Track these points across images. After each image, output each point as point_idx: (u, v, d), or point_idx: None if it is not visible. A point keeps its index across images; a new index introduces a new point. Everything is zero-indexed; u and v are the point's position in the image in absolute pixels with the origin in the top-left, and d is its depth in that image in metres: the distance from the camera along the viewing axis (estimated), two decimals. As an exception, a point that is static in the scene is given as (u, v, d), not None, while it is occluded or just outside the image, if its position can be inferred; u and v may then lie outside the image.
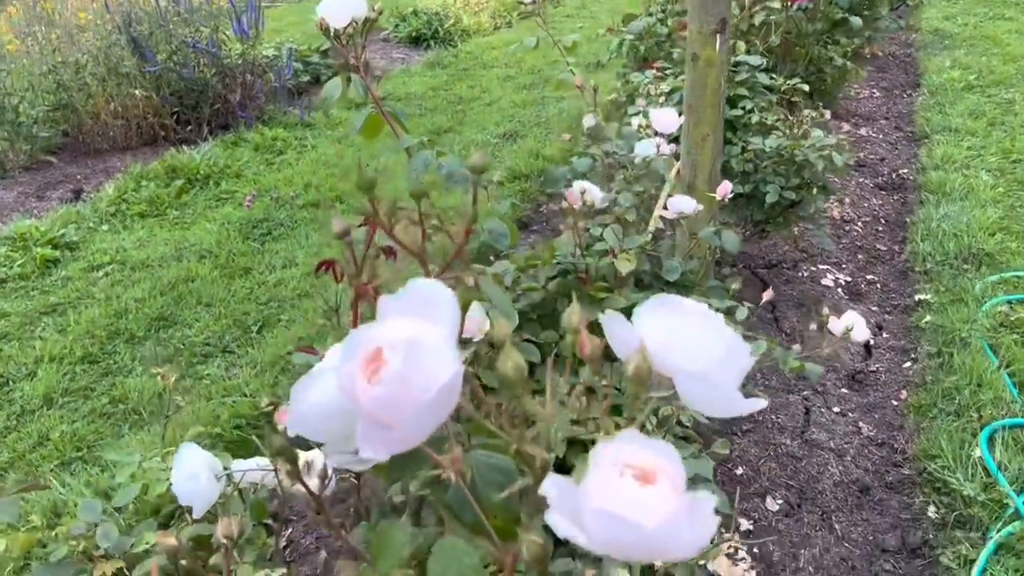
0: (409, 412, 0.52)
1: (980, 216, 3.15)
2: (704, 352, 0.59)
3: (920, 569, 1.96)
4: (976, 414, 2.27)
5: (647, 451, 0.55)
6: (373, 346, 0.54)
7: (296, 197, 3.84)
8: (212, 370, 2.77)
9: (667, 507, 0.52)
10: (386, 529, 0.66)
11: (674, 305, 0.61)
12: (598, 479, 0.53)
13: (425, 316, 0.56)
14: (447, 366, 0.53)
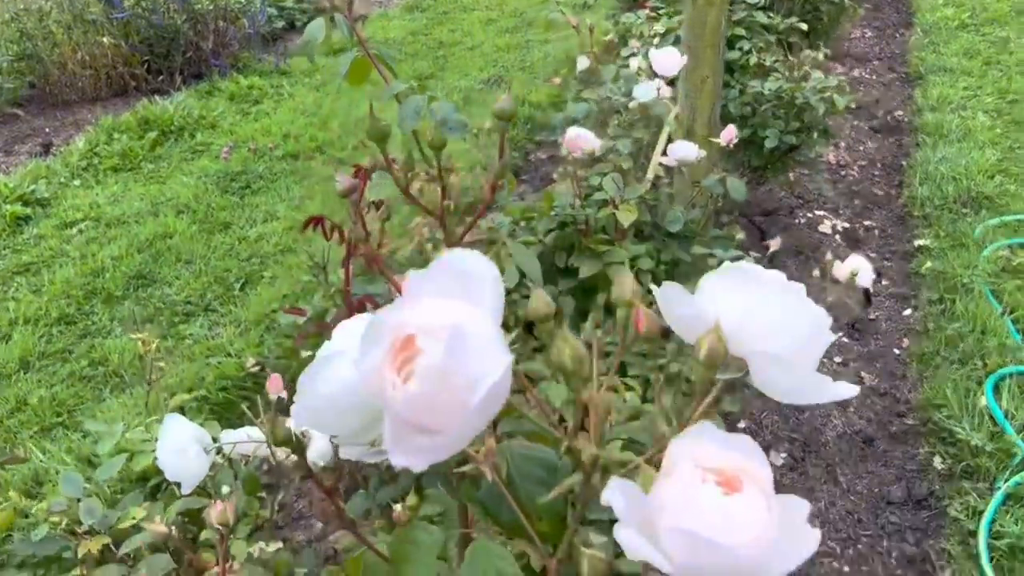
0: (453, 415, 0.44)
1: (978, 158, 3.08)
2: (785, 330, 0.51)
3: (927, 520, 1.93)
4: (981, 362, 2.23)
5: (729, 451, 0.47)
6: (404, 332, 0.45)
7: (274, 148, 3.71)
8: (195, 329, 2.67)
9: (759, 522, 0.44)
10: (409, 532, 0.59)
11: (748, 275, 0.53)
12: (675, 489, 0.45)
13: (463, 296, 0.47)
14: (497, 358, 0.45)
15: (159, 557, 1.32)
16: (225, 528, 0.95)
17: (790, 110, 2.48)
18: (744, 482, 0.44)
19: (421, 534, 0.58)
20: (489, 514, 0.58)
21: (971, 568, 1.76)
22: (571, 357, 0.48)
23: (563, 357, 0.48)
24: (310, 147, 3.69)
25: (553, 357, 0.49)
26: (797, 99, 2.44)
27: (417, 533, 0.58)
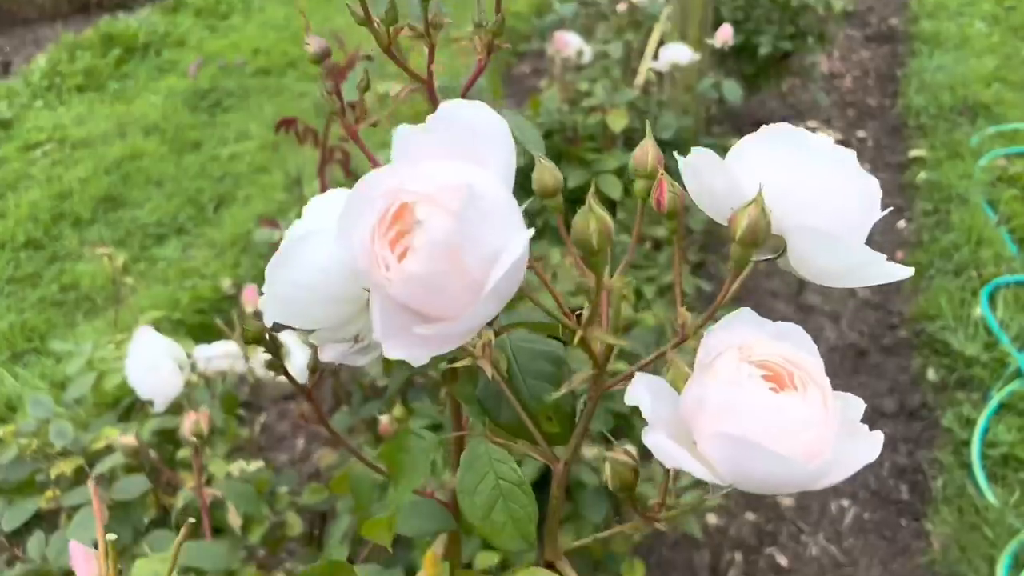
0: (463, 300, 0.36)
1: (975, 66, 2.99)
2: (833, 202, 0.44)
3: (919, 431, 1.91)
4: (976, 272, 2.18)
5: (778, 341, 0.40)
6: (399, 200, 0.37)
7: (245, 64, 3.55)
8: (167, 252, 2.58)
9: (815, 423, 0.37)
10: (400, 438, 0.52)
11: (791, 139, 0.45)
12: (716, 386, 0.38)
13: (467, 156, 0.39)
14: (515, 228, 0.37)
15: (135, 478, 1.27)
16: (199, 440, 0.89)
17: (785, 13, 2.37)
18: (796, 377, 0.38)
19: (412, 440, 0.51)
20: (488, 414, 0.51)
21: (963, 477, 1.75)
22: (597, 231, 0.40)
23: (588, 231, 0.40)
24: (282, 63, 3.53)
25: (576, 230, 0.41)
26: (793, 1, 2.33)
27: (408, 440, 0.51)
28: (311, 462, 1.87)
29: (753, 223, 0.40)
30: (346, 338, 0.55)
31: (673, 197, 0.46)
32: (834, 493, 1.77)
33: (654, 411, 0.38)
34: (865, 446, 0.37)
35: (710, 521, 1.70)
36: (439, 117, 0.39)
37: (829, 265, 0.43)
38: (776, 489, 0.37)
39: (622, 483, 0.42)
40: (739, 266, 0.43)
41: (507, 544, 0.48)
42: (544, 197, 0.46)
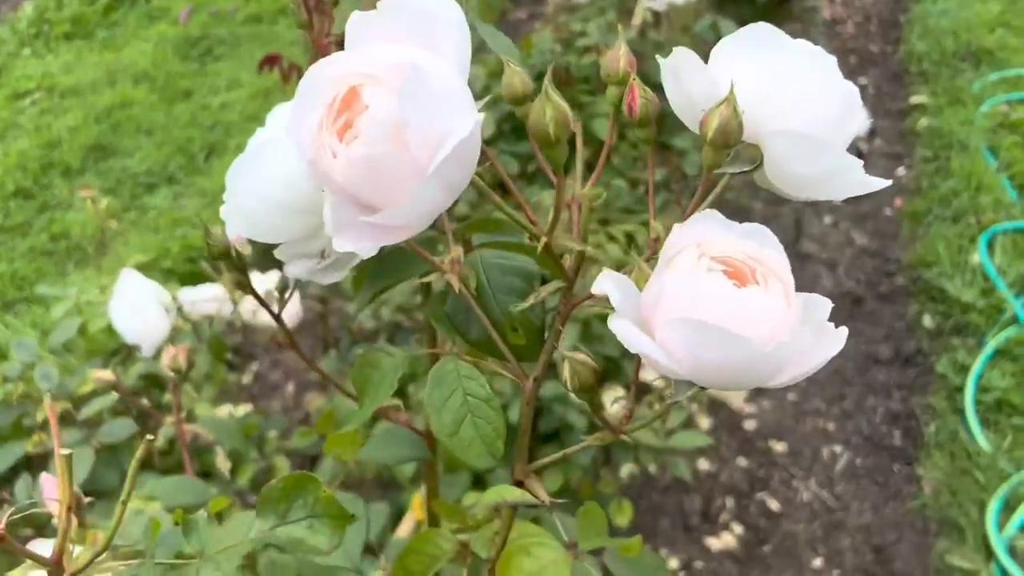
0: (405, 184, 0.35)
1: (980, 11, 2.93)
2: (812, 105, 0.42)
3: (914, 377, 1.90)
4: (974, 218, 2.16)
5: (741, 239, 0.39)
6: (345, 84, 0.35)
7: (236, 11, 3.49)
8: (158, 201, 2.56)
9: (777, 313, 0.36)
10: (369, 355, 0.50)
11: (770, 40, 0.43)
12: (678, 277, 0.37)
13: (420, 42, 0.37)
14: (464, 113, 0.35)
15: (122, 421, 1.26)
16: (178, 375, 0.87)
17: (785, -46, 2.31)
18: (759, 272, 0.37)
19: (382, 356, 0.50)
20: (457, 331, 0.49)
21: (956, 423, 1.74)
22: (554, 120, 0.39)
23: (543, 120, 0.39)
24: (273, 9, 3.47)
25: (532, 120, 0.39)
26: (793, -58, 2.27)
27: (378, 356, 0.50)
28: (302, 409, 1.87)
29: (724, 122, 0.39)
30: (312, 253, 0.53)
31: (645, 104, 0.44)
32: (826, 439, 1.77)
33: (622, 302, 0.37)
34: (828, 341, 0.36)
35: (701, 467, 1.70)
36: (390, 2, 0.37)
37: (805, 172, 0.41)
38: (735, 379, 0.36)
39: (581, 383, 0.41)
40: (711, 169, 0.41)
41: (475, 461, 0.47)
42: (513, 104, 0.43)
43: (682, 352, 0.36)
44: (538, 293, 0.46)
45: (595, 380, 0.42)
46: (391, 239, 0.37)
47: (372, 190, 0.36)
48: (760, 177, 0.44)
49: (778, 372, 0.36)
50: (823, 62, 0.42)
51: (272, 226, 0.49)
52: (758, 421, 1.80)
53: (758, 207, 2.24)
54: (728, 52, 0.43)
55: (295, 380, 1.92)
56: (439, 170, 0.34)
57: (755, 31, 0.43)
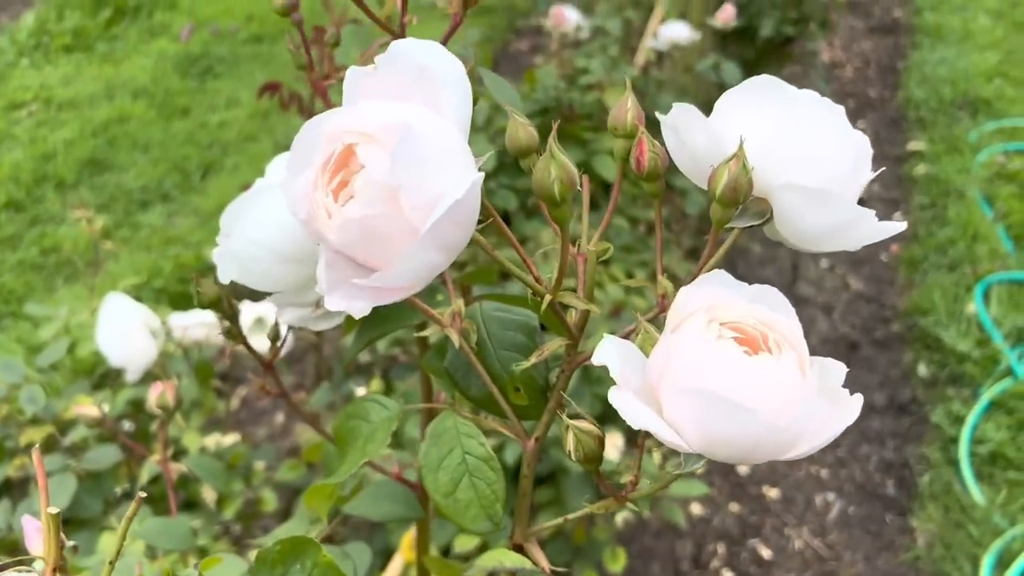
0: (398, 246, 0.33)
1: (978, 60, 2.95)
2: (822, 158, 0.41)
3: (908, 426, 1.88)
4: (970, 268, 2.15)
5: (752, 303, 0.37)
6: (340, 143, 0.34)
7: (237, 30, 3.49)
8: (152, 219, 2.54)
9: (790, 385, 0.35)
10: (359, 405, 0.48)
11: (776, 92, 0.42)
12: (687, 344, 0.35)
13: (419, 99, 0.36)
14: (460, 173, 0.34)
15: (106, 448, 1.23)
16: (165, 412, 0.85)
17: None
18: (771, 339, 0.35)
19: (373, 407, 0.48)
20: (456, 386, 0.47)
21: (950, 474, 1.72)
22: (559, 180, 0.37)
23: (548, 180, 0.37)
24: (275, 31, 3.47)
25: (536, 179, 0.38)
26: (797, -15, 2.29)
27: (369, 406, 0.48)
28: (290, 437, 1.84)
29: (733, 179, 0.37)
30: (306, 303, 0.52)
31: (654, 157, 0.43)
32: (820, 486, 1.75)
33: (622, 372, 0.35)
34: (844, 411, 0.34)
35: (694, 511, 1.67)
36: (389, 56, 0.36)
37: (817, 225, 0.40)
38: (747, 453, 0.34)
39: (586, 453, 0.39)
40: (719, 226, 0.40)
41: (471, 524, 0.45)
42: (519, 156, 0.42)
43: (691, 426, 0.34)
44: (541, 351, 0.44)
45: (600, 449, 0.40)
46: (386, 299, 0.35)
47: (367, 251, 0.35)
48: (770, 230, 0.43)
49: (792, 446, 0.35)
50: (832, 112, 0.41)
51: (266, 274, 0.48)
52: (752, 467, 1.78)
53: (756, 249, 2.24)
54: (733, 104, 0.42)
55: (284, 406, 1.89)
56: (433, 232, 0.33)
57: (760, 82, 0.42)
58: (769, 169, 0.40)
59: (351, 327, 0.58)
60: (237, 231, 0.46)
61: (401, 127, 0.33)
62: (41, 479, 0.46)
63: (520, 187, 1.65)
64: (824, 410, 0.35)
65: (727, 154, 0.38)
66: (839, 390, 0.37)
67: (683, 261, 1.82)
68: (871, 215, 0.39)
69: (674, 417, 0.35)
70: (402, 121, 0.33)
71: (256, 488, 1.38)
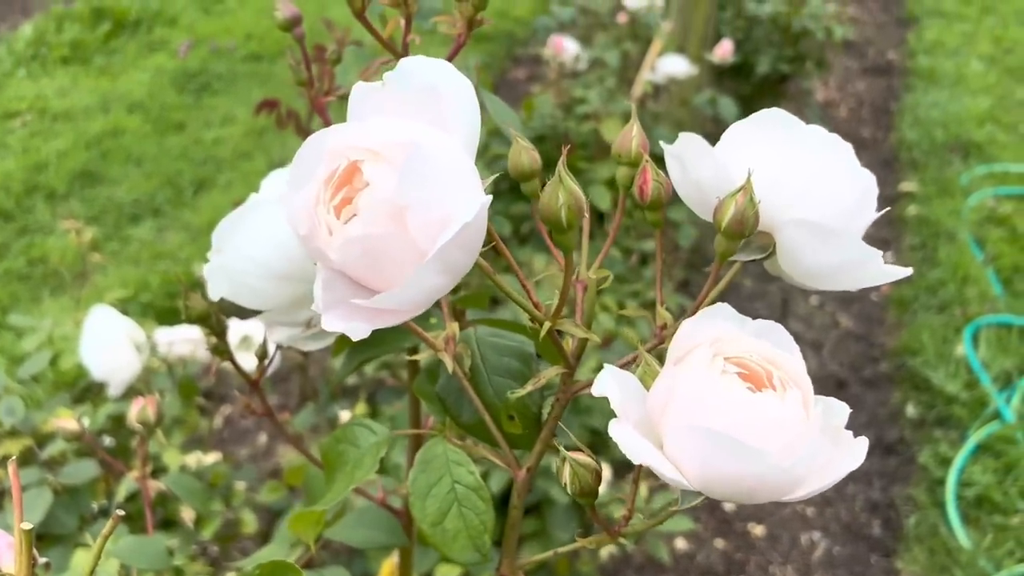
0: (403, 268, 0.32)
1: (970, 105, 2.99)
2: (828, 194, 0.40)
3: (895, 467, 1.87)
4: (960, 310, 2.16)
5: (756, 338, 0.37)
6: (345, 159, 0.33)
7: (236, 48, 3.50)
8: (142, 233, 2.52)
9: (794, 424, 0.34)
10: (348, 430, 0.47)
11: (783, 126, 0.41)
12: (690, 379, 0.35)
13: (426, 117, 0.36)
14: (469, 195, 0.33)
15: (84, 462, 1.20)
16: (145, 428, 0.83)
17: (786, 36, 2.35)
18: (776, 377, 0.35)
19: (362, 432, 0.47)
20: (448, 412, 0.46)
21: (936, 516, 1.71)
22: (567, 206, 0.37)
23: (555, 205, 0.37)
24: (274, 50, 3.48)
25: (543, 205, 0.37)
26: (794, 25, 2.31)
27: (357, 431, 0.47)
28: (273, 458, 1.81)
29: (740, 211, 0.37)
30: (298, 322, 0.51)
31: (657, 186, 0.42)
32: (805, 525, 1.74)
33: (623, 405, 0.34)
34: (849, 454, 0.34)
35: (678, 546, 1.66)
36: (397, 73, 0.35)
37: (822, 263, 0.39)
38: (749, 493, 0.33)
39: (582, 487, 0.38)
40: (723, 259, 0.39)
41: (458, 555, 0.43)
42: (520, 180, 0.42)
43: (693, 463, 0.34)
44: (538, 379, 0.43)
45: (597, 484, 0.39)
46: (385, 322, 0.34)
47: (368, 270, 0.34)
48: (772, 266, 0.42)
49: (796, 487, 0.34)
50: (840, 149, 0.41)
51: (257, 291, 0.47)
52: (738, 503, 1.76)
53: (747, 284, 2.24)
54: (740, 136, 0.42)
55: (268, 426, 1.87)
56: (440, 254, 0.32)
57: (768, 116, 0.42)
58: (775, 203, 0.39)
59: (340, 348, 0.57)
60: (229, 246, 0.45)
61: (409, 145, 0.32)
62: (16, 492, 0.45)
63: (514, 213, 1.65)
64: (828, 451, 0.34)
65: (734, 186, 0.38)
66: (843, 431, 0.37)
67: (674, 294, 1.82)
68: (878, 256, 0.38)
69: (675, 453, 0.34)
70: (410, 139, 0.33)
71: (236, 509, 1.36)
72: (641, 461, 0.33)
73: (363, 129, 0.34)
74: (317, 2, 3.83)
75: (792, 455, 0.33)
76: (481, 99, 0.57)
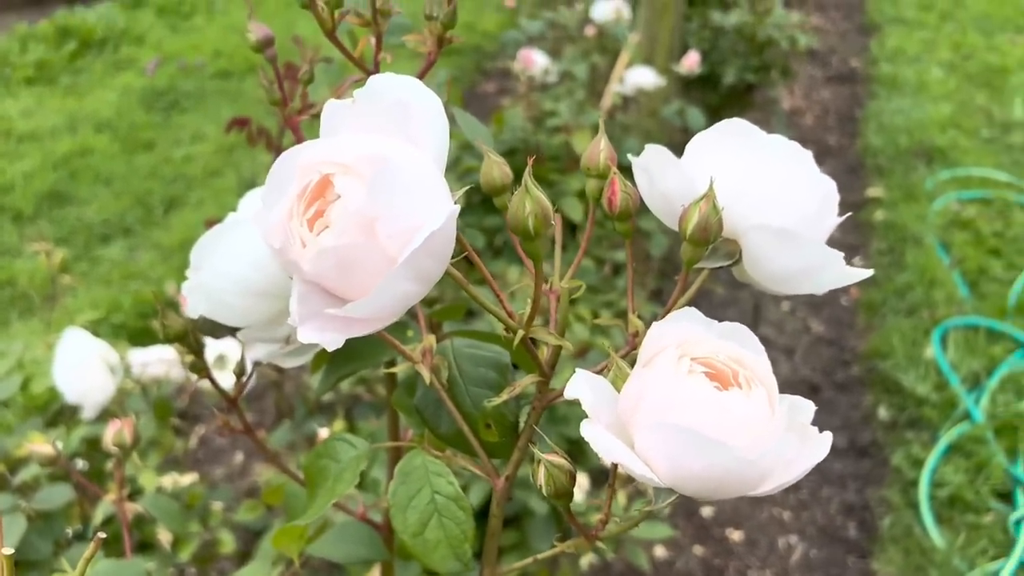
0: (374, 277, 0.33)
1: (932, 111, 3.04)
2: (790, 201, 0.42)
3: (869, 469, 1.90)
4: (928, 313, 2.20)
5: (722, 339, 0.38)
6: (316, 173, 0.34)
7: (204, 66, 3.49)
8: (112, 253, 2.50)
9: (760, 420, 0.35)
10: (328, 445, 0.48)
11: (745, 136, 0.43)
12: (658, 379, 0.36)
13: (397, 132, 0.36)
14: (437, 204, 0.34)
15: (58, 487, 1.19)
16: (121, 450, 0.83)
17: (751, 46, 2.38)
18: (741, 375, 0.36)
19: (342, 447, 0.47)
20: (426, 424, 0.47)
21: (910, 517, 1.74)
22: (534, 214, 0.37)
23: (523, 214, 0.37)
24: (243, 67, 3.47)
25: (511, 214, 0.38)
26: (759, 35, 2.35)
27: (338, 446, 0.47)
28: (249, 477, 1.80)
29: (704, 219, 0.38)
30: (276, 338, 0.51)
31: (625, 197, 0.43)
32: (782, 529, 1.75)
33: (594, 406, 0.35)
34: (813, 447, 0.35)
35: (657, 554, 1.66)
36: (367, 91, 0.36)
37: (786, 267, 0.40)
38: (717, 488, 0.34)
39: (557, 488, 0.39)
40: (689, 266, 0.40)
41: (439, 565, 0.44)
42: (492, 194, 0.42)
43: (662, 459, 0.35)
44: (513, 387, 0.44)
45: (571, 484, 0.40)
46: (359, 331, 0.35)
47: (341, 280, 0.35)
48: (739, 271, 0.43)
49: (762, 481, 0.35)
50: (800, 157, 0.42)
51: (236, 308, 0.47)
52: (715, 508, 1.78)
53: (718, 291, 2.26)
54: (703, 147, 0.43)
55: (243, 446, 1.86)
56: (409, 262, 0.33)
57: (731, 126, 0.43)
58: (739, 211, 0.40)
59: (318, 364, 0.57)
60: (207, 265, 0.46)
61: (379, 158, 0.33)
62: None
63: (487, 226, 1.66)
64: (794, 445, 0.35)
65: (698, 195, 0.39)
66: (808, 427, 0.38)
67: (647, 303, 1.83)
68: (839, 258, 0.40)
69: (645, 451, 0.35)
70: (379, 153, 0.34)
71: (213, 529, 1.35)
72: (613, 459, 0.34)
73: (334, 144, 0.35)
74: (285, 19, 3.83)
75: (758, 449, 0.34)
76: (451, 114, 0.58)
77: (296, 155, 0.36)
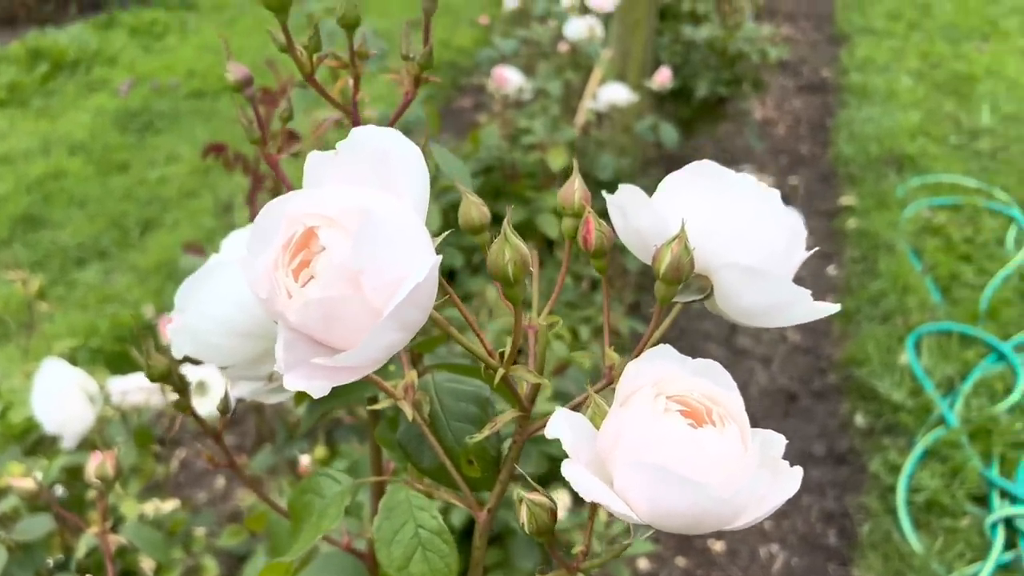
0: (360, 328, 0.34)
1: (902, 119, 3.09)
2: (759, 239, 0.43)
3: (847, 476, 1.92)
4: (902, 319, 2.23)
5: (696, 377, 0.39)
6: (301, 225, 0.35)
7: (178, 86, 3.48)
8: (88, 276, 2.48)
9: (734, 458, 0.36)
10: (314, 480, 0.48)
11: (715, 177, 0.44)
12: (635, 418, 0.37)
13: (378, 182, 0.37)
14: (420, 256, 0.35)
15: (39, 517, 1.18)
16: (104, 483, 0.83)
17: (722, 59, 2.41)
18: (715, 413, 0.37)
19: (326, 482, 0.48)
20: (409, 458, 0.48)
21: (889, 523, 1.76)
22: (513, 261, 0.39)
23: (502, 262, 0.39)
24: (217, 86, 3.47)
25: (490, 262, 0.39)
26: (730, 48, 2.38)
27: (322, 481, 0.48)
28: (232, 501, 1.79)
29: (676, 259, 0.39)
30: (260, 376, 0.52)
31: (600, 236, 0.44)
32: (763, 538, 1.77)
33: (574, 445, 0.36)
34: (785, 482, 0.36)
35: (640, 566, 1.68)
36: (349, 143, 0.37)
37: (756, 303, 0.42)
38: (694, 524, 0.36)
39: (539, 527, 0.40)
40: (663, 303, 0.41)
41: (425, 600, 0.45)
42: (471, 233, 0.43)
43: (640, 498, 0.36)
44: (494, 423, 0.45)
45: (553, 522, 0.41)
46: (345, 378, 0.36)
47: (327, 331, 0.35)
48: (711, 305, 0.45)
49: (736, 517, 0.36)
50: (766, 197, 0.44)
51: (222, 348, 0.48)
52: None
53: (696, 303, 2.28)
54: (675, 186, 0.44)
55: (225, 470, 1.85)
56: (395, 315, 0.34)
57: (700, 168, 0.44)
58: (710, 248, 0.42)
59: (301, 399, 0.58)
60: (192, 306, 0.47)
61: (362, 211, 0.34)
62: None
63: (465, 244, 1.67)
64: (766, 481, 0.36)
65: (670, 234, 0.40)
66: (780, 461, 0.39)
67: (625, 317, 1.85)
68: (807, 295, 0.41)
69: (624, 489, 0.36)
70: (363, 205, 0.34)
71: (197, 555, 1.35)
72: (592, 499, 0.35)
73: (318, 196, 0.36)
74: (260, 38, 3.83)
75: (732, 487, 0.35)
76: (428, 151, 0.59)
77: (281, 206, 0.37)
